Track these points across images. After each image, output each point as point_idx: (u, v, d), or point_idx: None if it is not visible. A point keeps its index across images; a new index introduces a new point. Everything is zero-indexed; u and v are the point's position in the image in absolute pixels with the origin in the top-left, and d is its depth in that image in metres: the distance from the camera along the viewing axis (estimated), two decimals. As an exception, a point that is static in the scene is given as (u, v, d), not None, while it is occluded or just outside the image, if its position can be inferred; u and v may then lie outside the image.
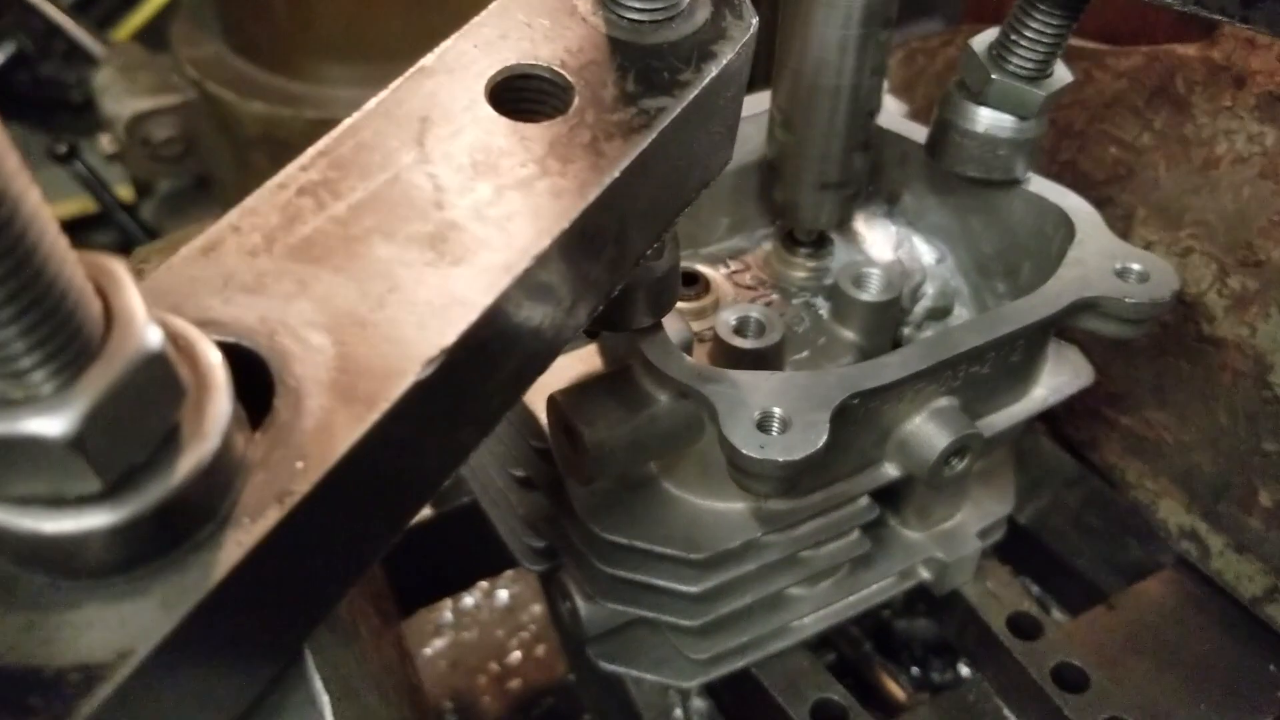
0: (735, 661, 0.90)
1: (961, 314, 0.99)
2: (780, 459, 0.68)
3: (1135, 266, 0.83)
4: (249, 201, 0.51)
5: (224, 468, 0.41)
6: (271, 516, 0.42)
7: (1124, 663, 0.97)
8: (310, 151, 0.53)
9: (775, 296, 0.97)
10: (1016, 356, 0.83)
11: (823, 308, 0.95)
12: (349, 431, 0.44)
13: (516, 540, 0.94)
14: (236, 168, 2.03)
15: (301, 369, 0.45)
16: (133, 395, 0.38)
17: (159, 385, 0.39)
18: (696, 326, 0.94)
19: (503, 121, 0.56)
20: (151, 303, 0.39)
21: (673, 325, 0.84)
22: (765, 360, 0.87)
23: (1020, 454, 1.40)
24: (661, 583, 0.81)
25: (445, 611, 1.64)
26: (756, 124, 0.95)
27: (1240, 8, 0.73)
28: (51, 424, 0.36)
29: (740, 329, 0.86)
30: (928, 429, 0.81)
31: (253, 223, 0.50)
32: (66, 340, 0.36)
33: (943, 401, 0.82)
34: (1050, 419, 1.15)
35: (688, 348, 0.84)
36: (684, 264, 0.98)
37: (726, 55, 0.60)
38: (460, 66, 0.57)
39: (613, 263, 0.59)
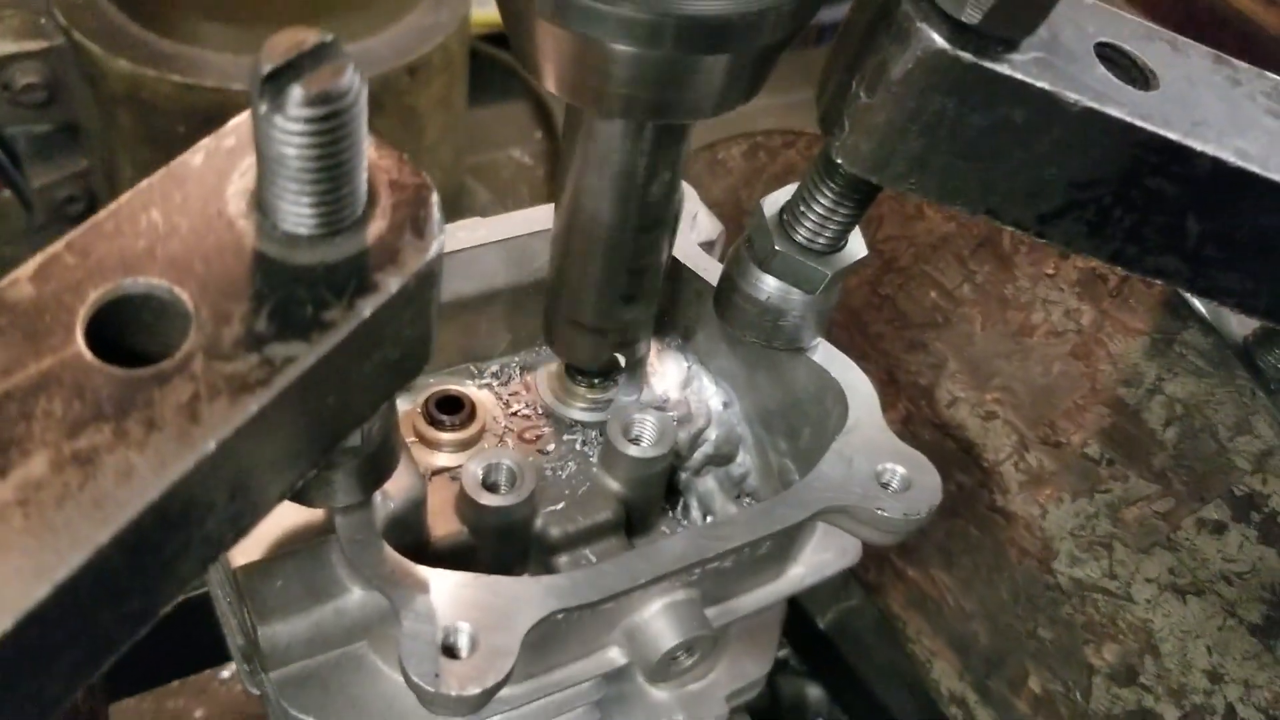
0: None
1: (745, 461, 0.93)
2: (454, 694, 0.63)
3: (900, 471, 0.77)
4: None
5: None
6: None
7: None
8: None
9: (548, 428, 0.91)
10: (765, 549, 0.78)
11: (595, 449, 0.89)
12: None
13: (238, 660, 0.88)
14: (103, 122, 1.91)
15: None
16: None
17: None
18: (456, 460, 0.87)
19: (92, 363, 0.48)
20: None
21: (401, 480, 0.77)
22: (513, 515, 0.81)
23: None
24: (354, 762, 0.76)
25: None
26: (544, 241, 0.87)
27: (1036, 223, 0.67)
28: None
29: (489, 480, 0.80)
30: (657, 625, 0.76)
31: None
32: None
33: (680, 594, 0.76)
34: (845, 557, 1.10)
35: (415, 507, 0.77)
36: (450, 386, 0.91)
37: (390, 288, 0.52)
38: (58, 278, 0.49)
39: (232, 518, 0.52)
